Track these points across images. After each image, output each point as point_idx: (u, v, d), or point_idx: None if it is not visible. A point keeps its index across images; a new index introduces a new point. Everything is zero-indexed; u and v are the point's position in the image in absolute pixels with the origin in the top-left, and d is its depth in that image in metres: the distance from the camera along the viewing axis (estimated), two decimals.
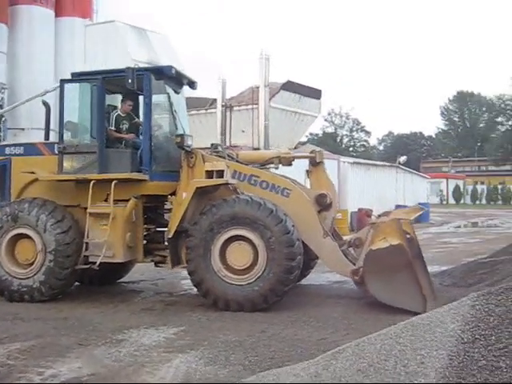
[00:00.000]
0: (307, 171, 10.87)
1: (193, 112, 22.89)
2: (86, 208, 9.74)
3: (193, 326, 7.99)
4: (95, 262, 9.44)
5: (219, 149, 10.54)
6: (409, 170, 36.43)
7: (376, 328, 6.77)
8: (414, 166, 57.04)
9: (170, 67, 10.22)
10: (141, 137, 10.45)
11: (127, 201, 9.65)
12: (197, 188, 9.40)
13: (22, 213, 9.78)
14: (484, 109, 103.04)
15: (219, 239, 9.06)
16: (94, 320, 8.30)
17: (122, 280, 11.94)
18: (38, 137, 22.82)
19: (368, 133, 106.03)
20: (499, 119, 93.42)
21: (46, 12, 27.45)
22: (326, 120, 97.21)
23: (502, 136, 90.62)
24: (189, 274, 9.36)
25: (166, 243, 9.78)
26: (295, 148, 24.81)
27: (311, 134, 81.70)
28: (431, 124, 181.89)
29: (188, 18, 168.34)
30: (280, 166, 10.93)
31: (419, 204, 24.80)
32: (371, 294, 8.93)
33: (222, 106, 22.28)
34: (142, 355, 6.51)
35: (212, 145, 10.74)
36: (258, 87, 21.35)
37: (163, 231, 10.32)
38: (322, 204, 10.26)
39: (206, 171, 9.58)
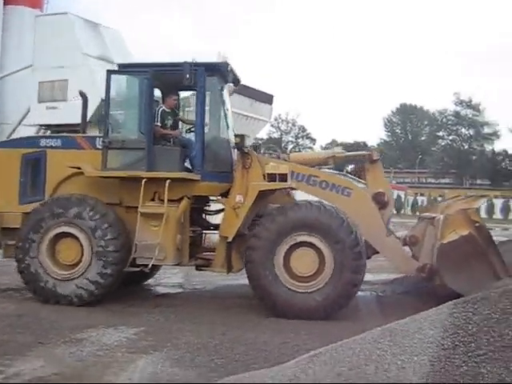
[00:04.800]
0: (363, 169, 10.58)
1: None
2: (128, 207, 9.30)
3: (152, 327, 7.88)
4: (146, 265, 8.95)
5: (262, 150, 10.18)
6: (357, 179, 36.97)
7: (337, 333, 6.92)
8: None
9: (226, 63, 9.68)
10: (185, 134, 10.06)
11: (176, 201, 9.13)
12: (259, 191, 9.09)
13: (63, 210, 9.12)
14: (426, 122, 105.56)
15: (282, 248, 8.72)
16: (51, 318, 8.06)
17: None
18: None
19: (313, 140, 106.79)
20: (440, 133, 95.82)
21: None
22: (272, 125, 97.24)
23: (443, 150, 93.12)
24: (252, 288, 8.95)
25: (222, 247, 9.35)
26: None
27: (255, 138, 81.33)
28: (374, 135, 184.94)
29: (139, 15, 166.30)
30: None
31: None
32: (446, 286, 8.68)
33: None
34: (106, 355, 6.39)
35: (253, 145, 10.15)
36: None
37: (202, 233, 10.08)
38: (380, 202, 10.00)
39: (268, 174, 9.16)
